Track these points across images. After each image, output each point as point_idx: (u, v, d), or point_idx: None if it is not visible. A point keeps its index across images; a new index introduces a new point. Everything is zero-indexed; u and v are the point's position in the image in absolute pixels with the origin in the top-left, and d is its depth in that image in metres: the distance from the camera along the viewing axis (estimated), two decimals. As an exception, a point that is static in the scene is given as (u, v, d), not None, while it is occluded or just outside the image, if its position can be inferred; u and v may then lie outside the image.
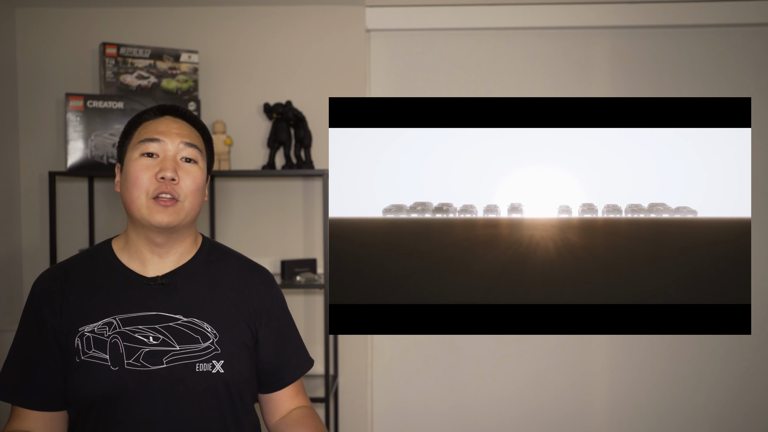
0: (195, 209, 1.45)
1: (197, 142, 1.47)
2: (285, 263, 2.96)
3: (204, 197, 1.49)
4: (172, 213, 1.40)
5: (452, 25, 3.18)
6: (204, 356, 1.41)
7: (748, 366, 3.26)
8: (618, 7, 3.15)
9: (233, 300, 1.49)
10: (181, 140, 1.43)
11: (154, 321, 1.40)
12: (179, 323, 1.42)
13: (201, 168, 1.46)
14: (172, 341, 1.40)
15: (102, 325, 1.38)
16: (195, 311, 1.44)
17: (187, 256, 1.49)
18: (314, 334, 3.14)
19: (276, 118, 3.00)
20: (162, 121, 1.45)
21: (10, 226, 3.07)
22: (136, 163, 1.41)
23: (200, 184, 1.45)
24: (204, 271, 1.49)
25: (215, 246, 1.57)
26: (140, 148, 1.42)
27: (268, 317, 1.52)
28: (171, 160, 1.41)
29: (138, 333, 1.39)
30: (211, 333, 1.43)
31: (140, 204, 1.39)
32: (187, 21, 3.13)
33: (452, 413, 3.29)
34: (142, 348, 1.38)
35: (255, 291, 1.52)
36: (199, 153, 1.45)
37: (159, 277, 1.44)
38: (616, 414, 3.28)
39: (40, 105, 3.12)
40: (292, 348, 1.58)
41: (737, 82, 3.21)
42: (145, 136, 1.42)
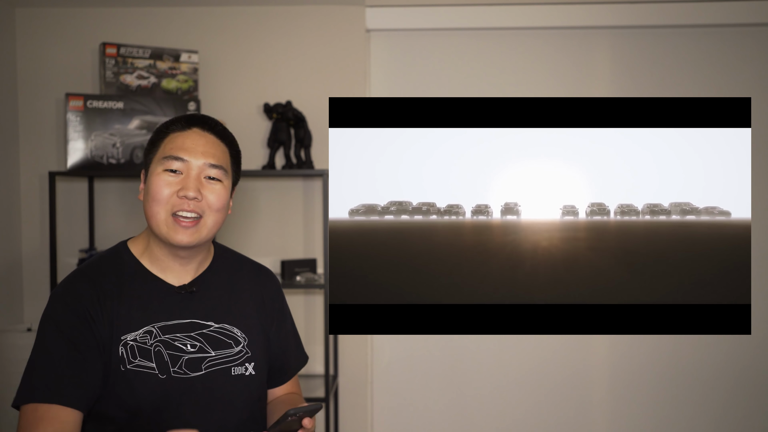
0: (217, 226, 1.44)
1: (223, 160, 1.44)
2: (285, 263, 2.96)
3: (226, 213, 1.47)
4: (193, 233, 1.39)
5: (452, 25, 3.18)
6: (238, 360, 1.45)
7: (748, 366, 3.26)
8: (618, 7, 3.15)
9: (251, 303, 1.53)
10: (205, 160, 1.41)
11: (189, 329, 1.42)
12: (212, 330, 1.44)
13: (225, 186, 1.44)
14: (208, 348, 1.42)
15: (143, 333, 1.38)
16: (224, 317, 1.47)
17: (205, 264, 1.51)
18: (314, 334, 3.14)
19: (276, 118, 3.00)
20: (189, 136, 1.42)
21: (10, 227, 3.06)
22: (159, 178, 1.39)
23: (224, 202, 1.43)
24: (224, 277, 1.52)
25: (226, 251, 1.60)
26: (164, 163, 1.39)
27: (278, 318, 1.58)
28: (194, 179, 1.39)
29: (177, 341, 1.41)
30: (241, 337, 1.47)
31: (159, 220, 1.39)
32: (187, 21, 3.13)
33: (452, 413, 3.29)
34: (183, 356, 1.40)
35: (267, 294, 1.57)
36: (223, 173, 1.43)
37: (187, 285, 1.45)
38: (616, 414, 3.28)
39: (40, 105, 3.11)
40: (294, 345, 1.64)
41: (737, 82, 3.21)
42: (170, 152, 1.40)
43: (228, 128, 1.52)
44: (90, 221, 3.09)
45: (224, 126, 1.50)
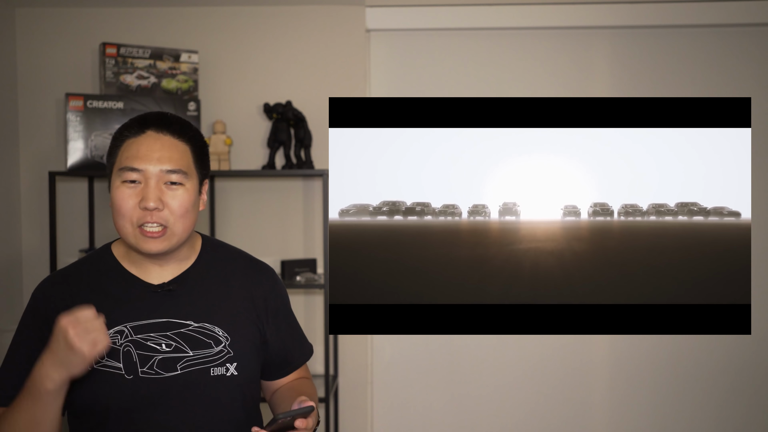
0: (186, 231, 1.40)
1: (182, 162, 1.38)
2: (285, 263, 2.96)
3: (197, 212, 1.44)
4: (162, 242, 1.37)
5: (452, 25, 3.18)
6: (218, 360, 1.41)
7: (747, 366, 3.26)
8: (618, 7, 3.15)
9: (241, 301, 1.49)
10: (161, 167, 1.35)
11: (165, 328, 1.39)
12: (190, 329, 1.41)
13: (189, 188, 1.39)
14: (185, 347, 1.40)
15: (113, 333, 1.36)
16: (205, 316, 1.43)
17: (188, 262, 1.48)
18: (314, 334, 3.14)
19: (276, 118, 3.00)
20: (144, 141, 1.37)
21: (10, 227, 3.07)
22: (119, 191, 1.36)
23: (189, 206, 1.39)
24: (210, 274, 1.49)
25: (217, 245, 1.56)
26: (121, 175, 1.36)
27: (274, 314, 1.53)
28: (153, 189, 1.35)
29: (151, 341, 1.39)
30: (222, 337, 1.43)
31: (127, 232, 1.37)
32: (187, 21, 3.13)
33: (452, 413, 3.29)
34: (156, 356, 1.38)
35: (262, 291, 1.52)
36: (184, 176, 1.38)
37: (165, 284, 1.42)
38: (616, 414, 3.28)
39: (40, 105, 3.11)
40: (296, 339, 1.61)
41: (737, 82, 3.21)
42: (125, 162, 1.36)
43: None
44: (90, 221, 3.09)
45: (183, 121, 1.44)
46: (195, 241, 1.51)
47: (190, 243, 1.48)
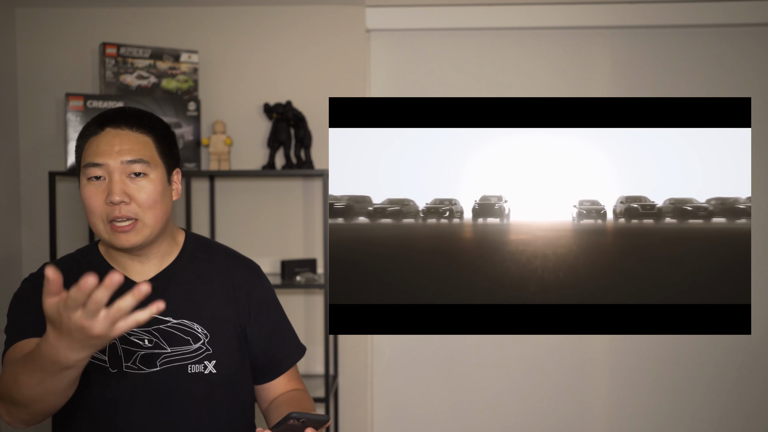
0: (159, 221, 1.40)
1: (143, 152, 1.38)
2: (285, 263, 2.96)
3: (169, 202, 1.43)
4: (134, 235, 1.37)
5: (452, 25, 3.18)
6: (196, 357, 1.41)
7: (748, 366, 3.26)
8: (618, 7, 3.15)
9: (221, 297, 1.48)
10: (122, 158, 1.36)
11: (146, 323, 1.38)
12: (169, 325, 1.41)
13: (154, 178, 1.39)
14: (164, 343, 1.39)
15: None
16: (184, 312, 1.43)
17: (170, 257, 1.47)
18: (314, 334, 3.14)
19: (276, 118, 3.00)
20: (103, 138, 1.38)
21: (10, 226, 3.07)
22: (86, 189, 1.37)
23: (157, 196, 1.38)
24: (190, 270, 1.48)
25: (200, 241, 1.55)
26: (86, 172, 1.37)
27: (257, 311, 1.51)
28: (117, 182, 1.35)
29: (133, 336, 1.39)
30: (201, 334, 1.42)
31: (100, 229, 1.38)
32: (187, 21, 3.13)
33: (452, 413, 3.29)
34: (138, 351, 1.39)
35: (241, 285, 1.51)
36: (146, 165, 1.38)
37: (147, 281, 1.42)
38: (616, 414, 3.28)
39: (40, 105, 3.12)
40: (283, 338, 1.58)
41: (737, 82, 3.21)
42: (87, 159, 1.37)
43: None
44: (90, 221, 3.08)
45: (142, 113, 1.44)
46: (177, 237, 1.51)
47: (171, 238, 1.48)
